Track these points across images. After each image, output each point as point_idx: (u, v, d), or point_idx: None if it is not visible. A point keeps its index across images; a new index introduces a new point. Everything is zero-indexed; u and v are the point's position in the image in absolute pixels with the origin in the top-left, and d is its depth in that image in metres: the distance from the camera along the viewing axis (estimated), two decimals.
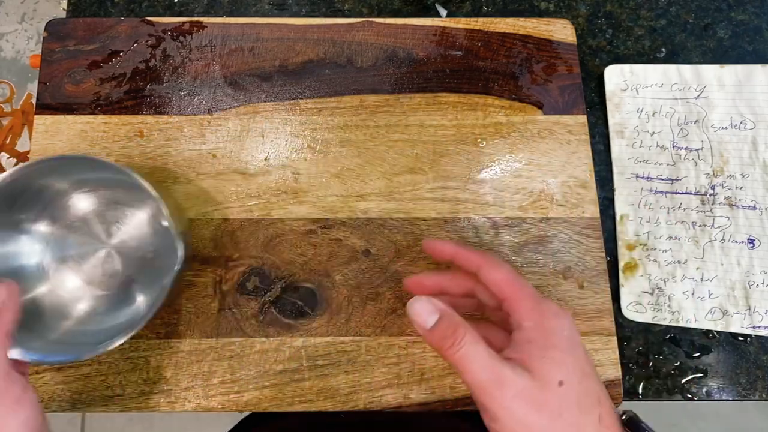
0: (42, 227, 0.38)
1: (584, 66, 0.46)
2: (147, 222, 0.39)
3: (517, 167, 0.42)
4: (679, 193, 0.43)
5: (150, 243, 0.39)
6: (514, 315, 0.28)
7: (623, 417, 0.29)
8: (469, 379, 0.26)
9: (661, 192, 0.43)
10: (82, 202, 0.39)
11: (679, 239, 0.42)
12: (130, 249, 0.39)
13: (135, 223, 0.39)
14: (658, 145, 0.44)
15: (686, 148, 0.44)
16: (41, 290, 0.37)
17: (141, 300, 0.38)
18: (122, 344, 0.33)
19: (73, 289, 0.38)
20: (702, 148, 0.43)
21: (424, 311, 0.27)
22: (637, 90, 0.45)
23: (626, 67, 0.45)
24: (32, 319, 0.35)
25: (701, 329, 0.41)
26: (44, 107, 0.42)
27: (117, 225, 0.39)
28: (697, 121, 0.44)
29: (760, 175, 0.43)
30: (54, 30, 0.44)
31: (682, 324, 0.40)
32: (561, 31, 0.45)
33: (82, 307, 0.38)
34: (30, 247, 0.38)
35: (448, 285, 0.33)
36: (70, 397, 0.37)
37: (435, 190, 0.42)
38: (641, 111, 0.44)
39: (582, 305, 0.40)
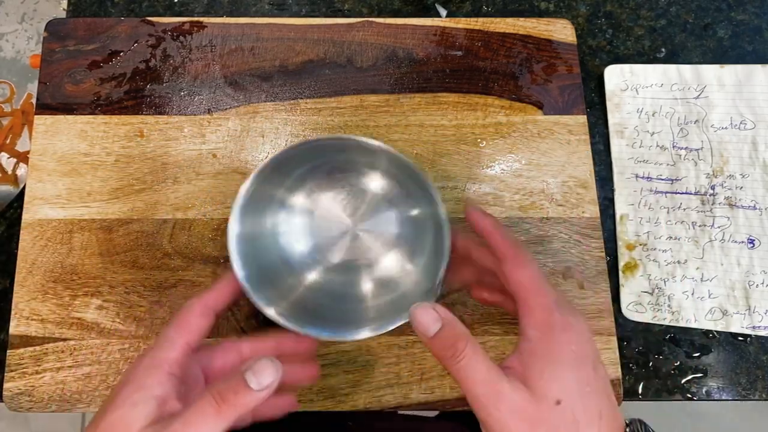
0: (299, 202, 0.38)
1: (584, 66, 0.46)
2: (397, 209, 0.38)
3: (517, 167, 0.42)
4: (679, 193, 0.43)
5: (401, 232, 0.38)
6: (523, 321, 0.28)
7: (627, 428, 0.28)
8: (467, 389, 0.26)
9: (661, 192, 0.43)
10: (335, 183, 0.38)
11: (679, 239, 0.42)
12: (377, 234, 0.38)
13: (384, 210, 0.38)
14: (658, 145, 0.44)
15: (686, 148, 0.44)
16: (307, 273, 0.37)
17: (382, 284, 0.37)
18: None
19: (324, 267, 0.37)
20: (702, 148, 0.43)
21: (427, 319, 0.27)
22: (637, 90, 0.45)
23: (626, 67, 0.45)
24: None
25: (701, 329, 0.41)
26: (44, 107, 0.42)
27: (366, 208, 0.38)
28: (697, 121, 0.44)
29: (760, 175, 0.43)
30: (54, 30, 0.44)
31: (682, 324, 0.40)
32: (561, 31, 0.45)
33: (316, 279, 0.37)
34: (290, 223, 0.37)
35: (480, 256, 0.33)
36: (70, 397, 0.37)
37: None
38: (641, 111, 0.44)
39: (582, 305, 0.40)
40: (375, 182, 0.38)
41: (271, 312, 0.32)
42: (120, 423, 0.25)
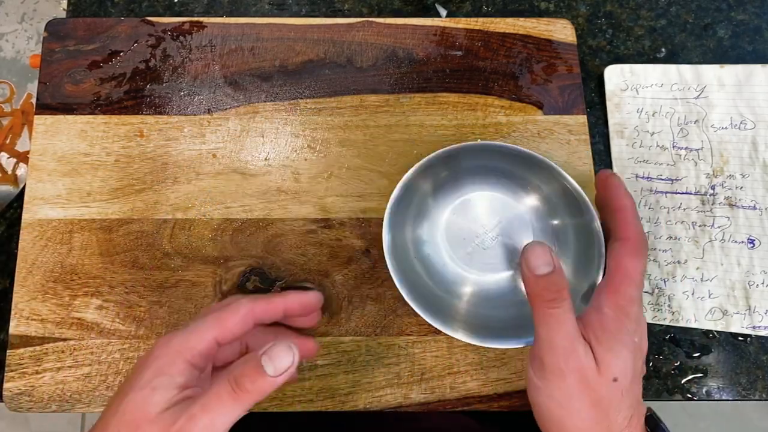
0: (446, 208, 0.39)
1: (584, 66, 0.46)
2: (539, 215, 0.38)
3: None
4: (679, 193, 0.43)
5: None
6: (603, 296, 0.30)
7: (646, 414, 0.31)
8: (547, 336, 0.28)
9: (661, 192, 0.43)
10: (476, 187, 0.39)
11: (679, 239, 0.42)
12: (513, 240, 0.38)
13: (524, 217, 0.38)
14: (658, 145, 0.44)
15: (686, 148, 0.44)
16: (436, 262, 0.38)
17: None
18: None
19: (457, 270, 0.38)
20: (702, 148, 0.43)
21: (541, 258, 0.28)
22: (637, 90, 0.45)
23: (626, 67, 0.45)
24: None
25: (701, 329, 0.41)
26: (44, 107, 0.42)
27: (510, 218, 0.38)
28: (697, 121, 0.44)
29: (760, 175, 0.43)
30: (54, 30, 0.44)
31: (682, 324, 0.40)
32: (561, 31, 0.45)
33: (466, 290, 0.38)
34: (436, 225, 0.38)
35: None
36: (70, 397, 0.37)
37: None
38: (641, 111, 0.44)
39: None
40: (523, 190, 0.38)
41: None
42: (142, 404, 0.26)
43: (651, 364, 0.40)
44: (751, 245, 0.42)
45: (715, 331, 0.41)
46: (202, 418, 0.25)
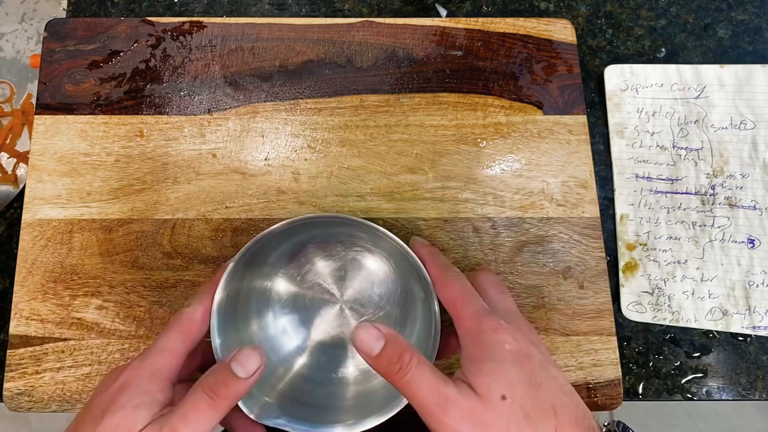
0: (283, 281, 0.37)
1: (584, 66, 0.46)
2: (387, 279, 0.37)
3: (517, 167, 0.42)
4: (679, 193, 0.43)
5: (387, 302, 0.37)
6: (458, 333, 0.28)
7: (604, 428, 0.28)
8: (416, 402, 0.25)
9: (661, 192, 0.43)
10: (318, 256, 0.37)
11: (679, 239, 0.42)
12: (362, 307, 0.37)
13: (372, 279, 0.37)
14: (658, 145, 0.44)
15: (686, 148, 0.44)
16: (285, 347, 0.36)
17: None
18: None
19: (300, 341, 0.36)
20: (702, 148, 0.43)
21: (369, 338, 0.27)
22: (637, 90, 0.45)
23: (626, 67, 0.45)
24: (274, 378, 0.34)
25: (701, 329, 0.41)
26: (44, 107, 0.42)
27: (351, 280, 0.37)
28: (697, 121, 0.44)
29: (760, 175, 0.43)
30: (54, 30, 0.44)
31: (682, 324, 0.40)
32: (561, 31, 0.45)
33: (302, 361, 0.36)
34: (277, 303, 0.37)
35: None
36: (70, 397, 0.37)
37: (435, 190, 0.42)
38: (641, 111, 0.44)
39: (582, 305, 0.40)
40: (362, 257, 0.37)
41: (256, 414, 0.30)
42: (123, 423, 0.26)
43: (651, 364, 0.40)
44: (751, 245, 0.42)
45: (715, 331, 0.41)
46: (185, 428, 0.25)
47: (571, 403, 0.26)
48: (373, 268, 0.37)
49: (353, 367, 0.36)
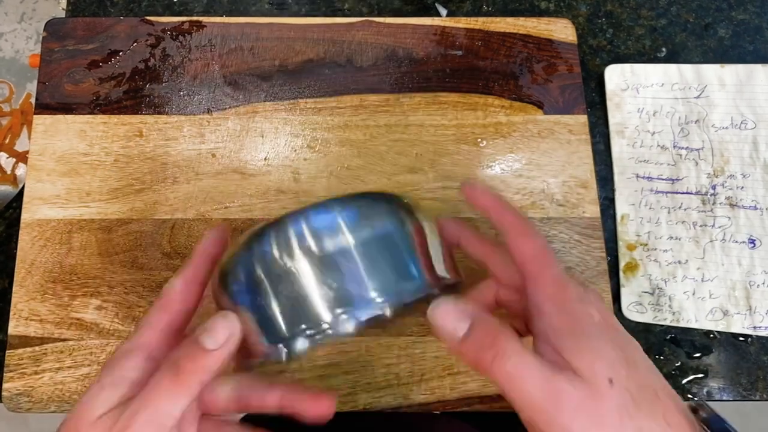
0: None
1: (584, 66, 0.46)
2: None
3: (518, 167, 0.42)
4: (679, 193, 0.43)
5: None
6: (535, 298, 0.24)
7: (698, 413, 0.25)
8: (518, 397, 0.21)
9: (662, 192, 0.43)
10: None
11: (679, 239, 0.42)
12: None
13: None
14: (658, 145, 0.44)
15: (687, 148, 0.43)
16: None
17: None
18: None
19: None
20: (703, 147, 0.43)
21: (450, 317, 0.23)
22: (637, 90, 0.45)
23: (627, 66, 0.45)
24: None
25: (702, 329, 0.41)
26: (43, 107, 0.42)
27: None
28: (697, 120, 0.44)
29: (760, 175, 0.43)
30: (53, 30, 0.44)
31: (682, 324, 0.40)
32: (561, 30, 0.45)
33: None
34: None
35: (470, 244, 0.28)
36: (69, 398, 0.37)
37: (435, 190, 0.41)
38: (642, 111, 0.44)
39: None
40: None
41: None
42: (86, 406, 0.23)
43: None
44: (752, 245, 0.41)
45: (716, 331, 0.41)
46: (144, 411, 0.22)
47: (666, 384, 0.23)
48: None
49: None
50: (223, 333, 0.23)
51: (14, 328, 0.38)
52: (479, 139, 0.43)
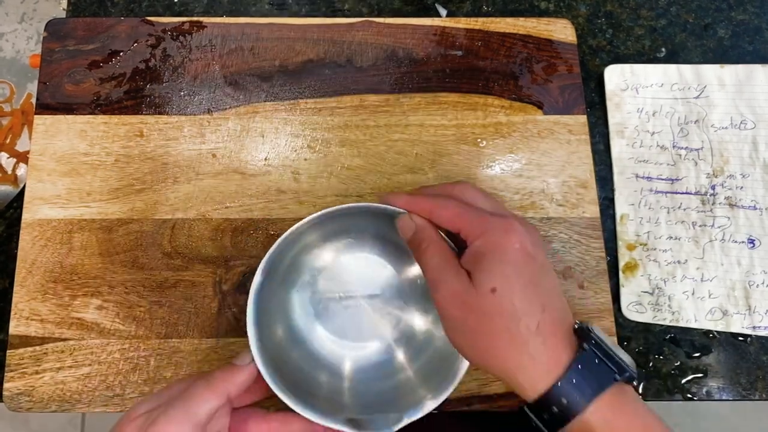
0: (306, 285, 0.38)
1: (584, 66, 0.46)
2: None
3: (517, 167, 0.42)
4: (679, 193, 0.43)
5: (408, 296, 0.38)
6: (467, 240, 0.30)
7: (575, 326, 0.29)
8: (425, 276, 0.30)
9: (662, 192, 0.43)
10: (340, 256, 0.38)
11: (679, 239, 0.42)
12: (385, 302, 0.37)
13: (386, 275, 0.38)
14: (658, 145, 0.44)
15: (686, 148, 0.44)
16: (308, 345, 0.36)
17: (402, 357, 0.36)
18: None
19: (327, 343, 0.37)
20: (702, 148, 0.43)
21: (405, 225, 0.32)
22: (637, 90, 0.45)
23: (626, 66, 0.45)
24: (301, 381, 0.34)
25: (701, 329, 0.41)
26: (44, 107, 0.42)
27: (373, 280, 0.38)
28: (697, 120, 0.44)
29: (760, 175, 0.43)
30: (54, 30, 0.44)
31: (682, 324, 0.40)
32: (561, 30, 0.45)
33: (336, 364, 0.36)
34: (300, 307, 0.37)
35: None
36: (70, 397, 0.37)
37: None
38: (641, 111, 0.44)
39: (582, 305, 0.40)
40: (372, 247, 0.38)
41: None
42: (128, 412, 0.29)
43: (651, 364, 0.40)
44: (752, 245, 0.42)
45: (716, 331, 0.41)
46: (179, 406, 0.28)
47: (559, 303, 0.29)
48: (378, 252, 0.38)
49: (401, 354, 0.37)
50: (249, 356, 0.31)
51: (15, 327, 0.38)
52: (479, 139, 0.43)
